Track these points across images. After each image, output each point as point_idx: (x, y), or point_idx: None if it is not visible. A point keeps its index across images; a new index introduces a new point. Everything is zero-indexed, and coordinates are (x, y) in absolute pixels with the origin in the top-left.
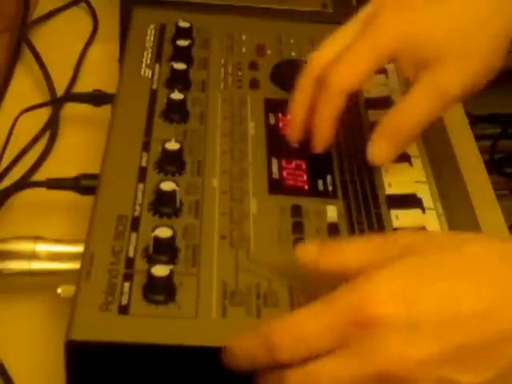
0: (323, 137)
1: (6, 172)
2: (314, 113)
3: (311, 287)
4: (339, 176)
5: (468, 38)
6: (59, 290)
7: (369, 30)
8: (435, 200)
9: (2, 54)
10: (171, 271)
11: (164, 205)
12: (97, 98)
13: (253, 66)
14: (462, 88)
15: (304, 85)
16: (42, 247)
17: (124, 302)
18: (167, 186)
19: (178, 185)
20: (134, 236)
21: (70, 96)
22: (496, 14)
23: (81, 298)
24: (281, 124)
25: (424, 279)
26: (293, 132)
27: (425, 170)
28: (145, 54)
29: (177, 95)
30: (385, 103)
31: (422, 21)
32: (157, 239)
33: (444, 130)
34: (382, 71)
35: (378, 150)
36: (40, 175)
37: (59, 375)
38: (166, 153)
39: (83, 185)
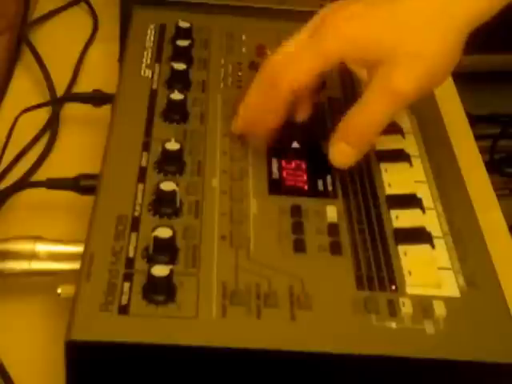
0: (263, 129)
1: (6, 172)
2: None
3: None
4: (339, 176)
5: (417, 38)
6: (59, 290)
7: (317, 34)
8: (435, 200)
9: (2, 54)
10: (171, 271)
11: (164, 205)
12: (97, 98)
13: (253, 66)
14: (414, 87)
15: (257, 87)
16: (41, 247)
17: (124, 301)
18: (167, 185)
19: (177, 185)
20: (133, 236)
21: (70, 96)
22: (443, 11)
23: (81, 298)
24: None
25: None
26: (240, 126)
27: (425, 170)
28: (145, 54)
29: (177, 95)
30: None
31: (370, 24)
32: (157, 239)
33: (444, 130)
34: None
35: (338, 151)
36: (40, 175)
37: (59, 375)
38: (166, 153)
39: (83, 185)
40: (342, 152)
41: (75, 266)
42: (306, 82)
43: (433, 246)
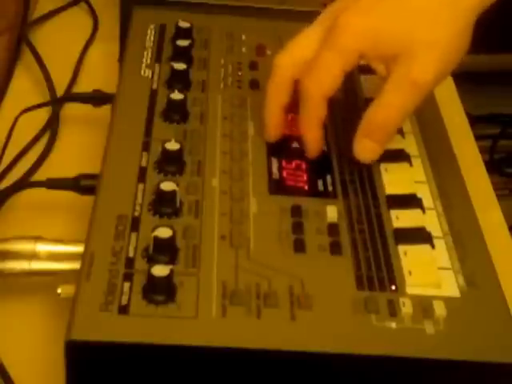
0: (315, 144)
1: (6, 172)
2: (300, 123)
3: None
4: (339, 176)
5: (429, 25)
6: (59, 290)
7: (332, 35)
8: (435, 200)
9: (2, 54)
10: (171, 271)
11: (164, 205)
12: (97, 98)
13: (253, 66)
14: (433, 76)
15: (277, 86)
16: (42, 247)
17: (124, 302)
18: (167, 186)
19: (178, 185)
20: (133, 236)
21: (70, 96)
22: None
23: (81, 298)
24: None
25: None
26: (271, 133)
27: (425, 170)
28: (145, 54)
29: (177, 95)
30: None
31: (383, 18)
32: (157, 239)
33: (444, 130)
34: None
35: (363, 147)
36: (40, 175)
37: (59, 375)
38: (166, 153)
39: (83, 185)
40: (367, 148)
41: (75, 265)
42: (334, 88)
43: (433, 246)
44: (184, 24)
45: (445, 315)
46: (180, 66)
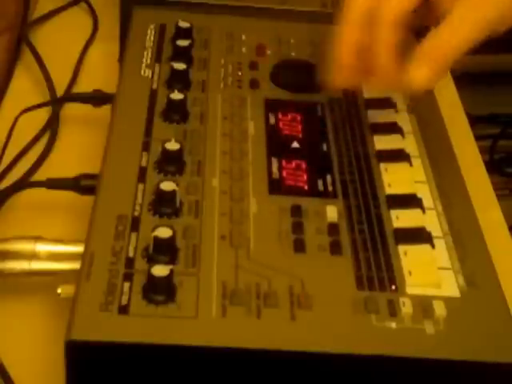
0: (385, 70)
1: (6, 172)
2: (370, 50)
3: None
4: (339, 176)
5: None
6: (59, 290)
7: None
8: (435, 200)
9: (2, 55)
10: (171, 271)
11: (164, 205)
12: (97, 98)
13: (253, 66)
14: (500, 15)
15: (351, 22)
16: (41, 247)
17: (124, 302)
18: (167, 185)
19: (177, 185)
20: (134, 236)
21: (70, 96)
22: None
23: (81, 298)
24: (281, 124)
25: None
26: (341, 75)
27: (425, 170)
28: (145, 54)
29: (177, 95)
30: (385, 103)
31: None
32: (157, 239)
33: (444, 130)
34: None
35: (419, 73)
36: (40, 175)
37: (59, 375)
38: (166, 153)
39: (83, 185)
40: (422, 73)
41: (75, 265)
42: (408, 11)
43: (433, 246)
44: (184, 24)
45: (445, 315)
46: (180, 66)
